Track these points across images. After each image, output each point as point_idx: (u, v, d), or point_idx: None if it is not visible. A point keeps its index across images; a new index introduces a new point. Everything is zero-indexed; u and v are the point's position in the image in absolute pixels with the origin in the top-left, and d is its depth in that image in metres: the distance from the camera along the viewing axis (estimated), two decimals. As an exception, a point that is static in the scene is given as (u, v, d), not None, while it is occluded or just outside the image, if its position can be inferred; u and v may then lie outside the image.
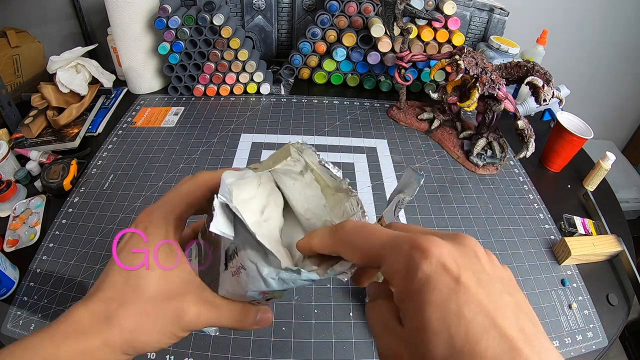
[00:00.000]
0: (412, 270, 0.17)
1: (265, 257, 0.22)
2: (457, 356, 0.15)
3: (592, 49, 1.28)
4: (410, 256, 0.17)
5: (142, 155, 0.73)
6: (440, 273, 0.16)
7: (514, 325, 0.16)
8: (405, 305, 0.17)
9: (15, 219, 0.61)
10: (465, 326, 0.15)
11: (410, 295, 0.17)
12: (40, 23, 1.03)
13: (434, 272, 0.16)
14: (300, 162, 0.26)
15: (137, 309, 0.22)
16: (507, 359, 0.15)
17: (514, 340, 0.15)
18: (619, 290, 0.57)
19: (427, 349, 0.16)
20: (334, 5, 0.86)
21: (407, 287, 0.17)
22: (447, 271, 0.17)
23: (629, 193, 1.33)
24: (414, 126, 0.84)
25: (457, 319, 0.15)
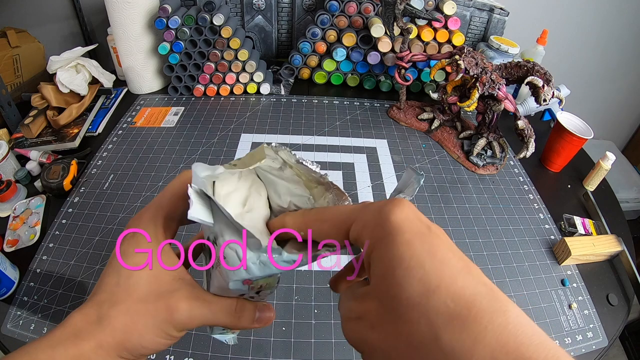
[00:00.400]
0: (384, 217, 0.17)
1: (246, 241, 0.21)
2: (432, 294, 0.14)
3: (592, 49, 1.28)
4: (381, 208, 0.17)
5: (142, 155, 0.73)
6: (412, 220, 0.16)
7: (482, 275, 0.15)
8: (374, 254, 0.16)
9: (15, 219, 0.61)
10: (440, 264, 0.15)
11: (380, 240, 0.16)
12: (40, 23, 1.03)
13: (406, 218, 0.16)
14: (278, 160, 0.26)
15: (127, 308, 0.21)
16: (488, 299, 0.14)
17: (487, 284, 0.15)
18: (619, 290, 0.57)
19: (400, 287, 0.15)
20: (334, 5, 0.86)
21: (377, 234, 0.17)
22: (419, 219, 0.17)
23: (629, 193, 1.33)
24: (414, 126, 0.84)
25: (431, 258, 0.15)
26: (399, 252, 0.15)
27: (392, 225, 0.16)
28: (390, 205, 0.17)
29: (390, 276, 0.15)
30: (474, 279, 0.14)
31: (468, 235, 0.62)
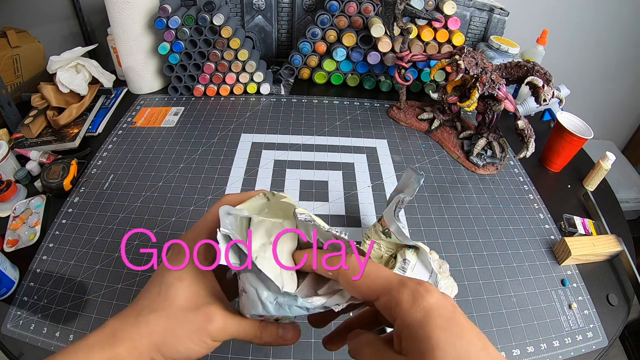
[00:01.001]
0: (419, 300, 0.20)
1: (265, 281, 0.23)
2: None
3: (592, 49, 1.28)
4: (416, 290, 0.21)
5: (142, 155, 0.73)
6: (440, 303, 0.20)
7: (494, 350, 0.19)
8: (410, 331, 0.20)
9: (15, 219, 0.61)
10: (467, 345, 0.19)
11: (414, 322, 0.20)
12: (40, 23, 1.03)
13: (436, 303, 0.20)
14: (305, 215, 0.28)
15: (167, 314, 0.23)
16: None
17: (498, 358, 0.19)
18: (619, 290, 0.57)
19: None
20: (334, 5, 0.86)
21: (412, 315, 0.20)
22: (446, 301, 0.20)
23: (629, 193, 1.33)
24: (414, 126, 0.84)
25: (460, 340, 0.19)
26: (435, 335, 0.19)
27: (426, 310, 0.20)
28: (424, 291, 0.20)
29: (430, 356, 0.18)
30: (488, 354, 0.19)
31: (468, 235, 0.62)
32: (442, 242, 0.60)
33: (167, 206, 0.63)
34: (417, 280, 0.21)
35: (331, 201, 0.65)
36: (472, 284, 0.55)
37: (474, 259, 0.58)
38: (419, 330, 0.19)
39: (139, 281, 0.52)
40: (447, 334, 0.19)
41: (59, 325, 0.48)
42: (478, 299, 0.53)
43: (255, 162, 0.72)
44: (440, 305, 0.20)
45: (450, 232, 0.62)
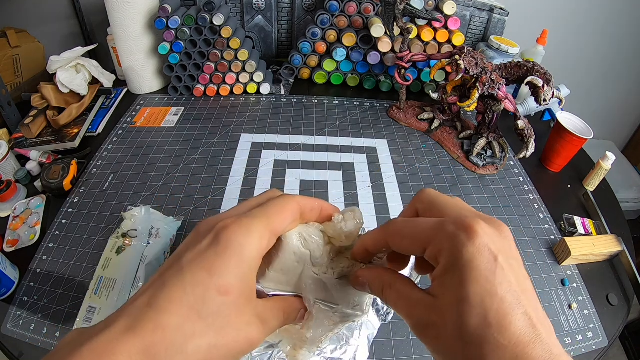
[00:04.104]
0: (459, 248, 0.19)
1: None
2: (487, 327, 0.17)
3: (592, 49, 1.28)
4: (456, 236, 0.19)
5: (142, 155, 0.73)
6: (482, 253, 0.19)
7: (532, 306, 0.18)
8: (446, 279, 0.19)
9: (15, 219, 0.61)
10: (497, 303, 0.18)
11: (454, 270, 0.19)
12: (40, 23, 1.03)
13: (477, 252, 0.19)
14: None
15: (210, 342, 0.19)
16: (526, 333, 0.17)
17: (532, 318, 0.18)
18: (619, 290, 0.57)
19: (464, 318, 0.18)
20: (334, 5, 0.86)
21: (452, 263, 0.19)
22: (489, 252, 0.19)
23: (629, 193, 1.33)
24: (414, 126, 0.84)
25: (491, 296, 0.18)
26: (468, 289, 0.18)
27: (464, 260, 0.19)
28: (464, 236, 0.19)
29: (459, 308, 0.18)
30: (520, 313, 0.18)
31: (468, 235, 0.62)
32: (442, 242, 0.60)
33: (167, 206, 0.63)
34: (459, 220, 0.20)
35: (331, 201, 0.65)
36: (472, 284, 0.55)
37: (474, 259, 0.58)
38: (454, 281, 0.19)
39: (139, 281, 0.52)
40: (479, 289, 0.18)
41: (59, 325, 0.48)
42: (478, 299, 0.53)
43: (255, 162, 0.72)
44: (481, 252, 0.18)
45: (450, 232, 0.62)
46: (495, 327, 0.17)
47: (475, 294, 0.18)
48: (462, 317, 0.18)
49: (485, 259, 0.18)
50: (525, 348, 0.17)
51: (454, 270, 0.19)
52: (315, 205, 0.25)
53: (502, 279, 0.18)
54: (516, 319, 0.17)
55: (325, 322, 0.26)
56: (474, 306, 0.18)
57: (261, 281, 0.25)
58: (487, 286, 0.18)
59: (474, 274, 0.18)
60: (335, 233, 0.26)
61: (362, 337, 0.34)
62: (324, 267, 0.26)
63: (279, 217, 0.23)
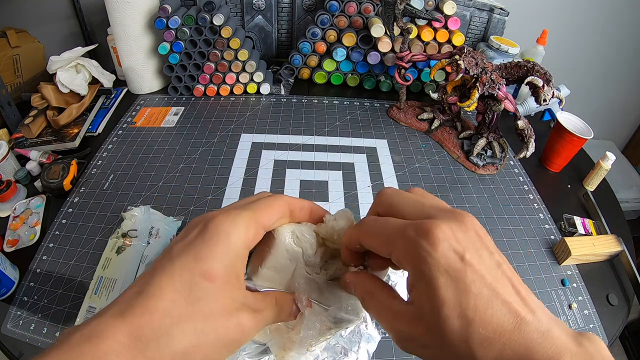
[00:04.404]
0: (424, 256, 0.19)
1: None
2: (469, 326, 0.17)
3: (592, 49, 1.28)
4: (418, 244, 0.19)
5: (142, 155, 0.73)
6: (447, 257, 0.18)
7: (510, 292, 0.18)
8: (418, 288, 0.19)
9: (15, 219, 0.61)
10: (473, 300, 0.18)
11: (422, 278, 0.19)
12: (40, 23, 1.03)
13: (442, 257, 0.18)
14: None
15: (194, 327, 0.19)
16: (509, 321, 0.17)
17: (512, 304, 0.18)
18: (619, 290, 0.57)
19: (445, 322, 0.18)
20: (334, 5, 0.86)
21: (418, 271, 0.19)
22: (454, 252, 0.18)
23: (629, 193, 1.33)
24: (414, 126, 0.84)
25: (466, 295, 0.18)
26: (440, 294, 0.18)
27: (430, 268, 0.18)
28: (426, 244, 0.19)
29: (437, 313, 0.18)
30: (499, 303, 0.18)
31: (468, 235, 0.62)
32: (442, 242, 0.60)
33: (167, 206, 0.63)
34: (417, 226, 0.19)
35: (331, 201, 0.65)
36: (472, 284, 0.55)
37: (474, 259, 0.58)
38: (425, 285, 0.18)
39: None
40: (453, 292, 0.18)
41: (59, 325, 0.48)
42: (478, 299, 0.53)
43: (255, 162, 0.72)
44: (445, 255, 0.18)
45: (450, 232, 0.62)
46: (478, 323, 0.17)
47: (450, 299, 0.18)
48: (445, 321, 0.18)
49: (452, 261, 0.18)
50: (512, 335, 0.17)
51: (423, 278, 0.19)
52: (304, 205, 0.26)
53: (473, 277, 0.18)
54: (496, 310, 0.18)
55: (316, 324, 0.26)
56: (453, 308, 0.18)
57: (254, 279, 0.26)
58: (460, 286, 0.18)
59: (443, 280, 0.18)
60: (328, 233, 0.26)
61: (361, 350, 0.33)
62: (316, 268, 0.27)
63: (265, 211, 0.23)
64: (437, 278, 0.18)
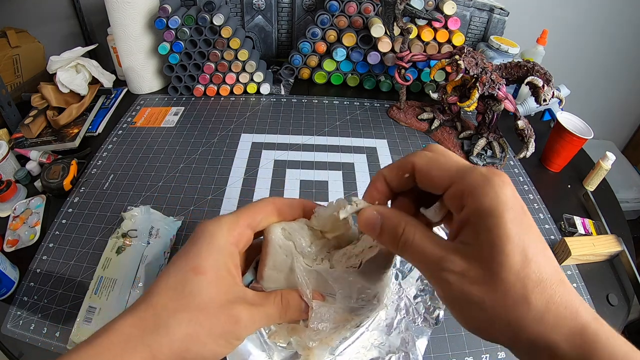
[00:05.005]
0: (497, 190, 0.19)
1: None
2: (528, 265, 0.18)
3: (592, 49, 1.28)
4: (490, 180, 0.19)
5: (142, 155, 0.73)
6: (515, 197, 0.19)
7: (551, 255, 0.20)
8: (479, 224, 0.19)
9: (15, 219, 0.61)
10: (533, 242, 0.19)
11: (489, 213, 0.19)
12: (40, 23, 1.03)
13: (511, 195, 0.19)
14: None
15: (190, 317, 0.21)
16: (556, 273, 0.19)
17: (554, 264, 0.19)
18: (619, 290, 0.57)
19: (507, 257, 0.18)
20: (334, 5, 0.86)
21: (485, 207, 0.19)
22: (518, 199, 0.20)
23: (629, 193, 1.33)
24: (414, 126, 0.84)
25: (529, 235, 0.19)
26: (507, 228, 0.18)
27: (501, 201, 0.19)
28: (498, 179, 0.19)
29: (500, 248, 0.18)
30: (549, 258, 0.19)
31: (468, 235, 0.62)
32: (442, 242, 0.60)
33: (167, 206, 0.63)
34: (492, 169, 0.20)
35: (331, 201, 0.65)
36: (472, 284, 0.55)
37: (474, 259, 0.58)
38: (491, 219, 0.19)
39: (139, 281, 0.52)
40: (519, 228, 0.19)
41: (59, 325, 0.48)
42: (478, 299, 0.53)
43: (255, 162, 0.72)
44: (515, 198, 0.19)
45: (450, 232, 0.62)
46: (535, 264, 0.18)
47: (516, 234, 0.18)
48: (508, 257, 0.18)
49: (517, 202, 0.19)
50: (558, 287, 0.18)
51: (491, 213, 0.19)
52: (294, 203, 0.27)
53: (530, 222, 0.19)
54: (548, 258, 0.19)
55: (328, 315, 0.25)
56: (517, 245, 0.18)
57: (261, 282, 0.26)
58: (524, 225, 0.19)
59: (511, 216, 0.19)
60: (319, 223, 0.26)
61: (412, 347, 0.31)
62: (317, 259, 0.26)
63: (248, 211, 0.25)
64: (506, 212, 0.19)
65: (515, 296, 0.18)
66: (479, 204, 0.19)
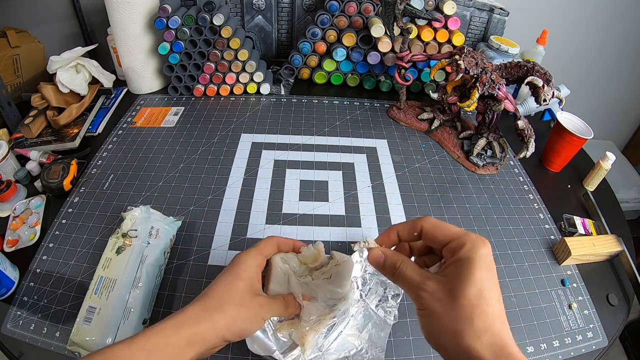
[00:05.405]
0: (477, 247, 0.28)
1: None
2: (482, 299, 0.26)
3: (592, 49, 1.28)
4: (476, 242, 0.29)
5: (142, 155, 0.73)
6: (489, 256, 0.28)
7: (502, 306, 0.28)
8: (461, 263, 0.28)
9: (15, 219, 0.61)
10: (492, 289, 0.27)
11: (468, 260, 0.28)
12: (40, 23, 1.03)
13: (487, 254, 0.28)
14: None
15: (235, 304, 0.34)
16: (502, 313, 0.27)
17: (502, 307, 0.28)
18: (619, 290, 0.57)
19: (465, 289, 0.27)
20: (334, 5, 0.86)
21: (467, 256, 0.28)
22: (490, 258, 0.29)
23: (629, 193, 1.33)
24: (414, 126, 0.84)
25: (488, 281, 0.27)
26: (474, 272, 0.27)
27: (478, 256, 0.28)
28: (481, 243, 0.29)
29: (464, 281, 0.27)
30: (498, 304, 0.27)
31: (468, 235, 0.62)
32: (442, 242, 0.60)
33: (167, 206, 0.63)
34: (477, 235, 0.29)
35: (331, 201, 0.65)
36: (472, 284, 0.55)
37: (474, 259, 0.58)
38: (466, 263, 0.27)
39: (139, 281, 0.52)
40: (482, 276, 0.27)
41: (59, 325, 0.48)
42: (478, 299, 0.53)
43: (255, 162, 0.72)
44: (489, 257, 0.28)
45: (450, 232, 0.62)
46: (485, 302, 0.26)
47: (480, 279, 0.27)
48: (468, 290, 0.26)
49: (489, 259, 0.28)
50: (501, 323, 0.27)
51: (470, 261, 0.28)
52: (288, 242, 0.42)
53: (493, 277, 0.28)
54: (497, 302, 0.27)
55: (314, 310, 0.39)
56: (476, 284, 0.27)
57: (268, 293, 0.39)
58: (489, 277, 0.27)
59: (484, 270, 0.27)
60: (303, 258, 0.42)
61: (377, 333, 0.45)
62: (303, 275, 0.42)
63: (264, 246, 0.40)
64: (478, 263, 0.27)
65: (464, 315, 0.26)
66: (463, 254, 0.28)
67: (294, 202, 0.65)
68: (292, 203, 0.65)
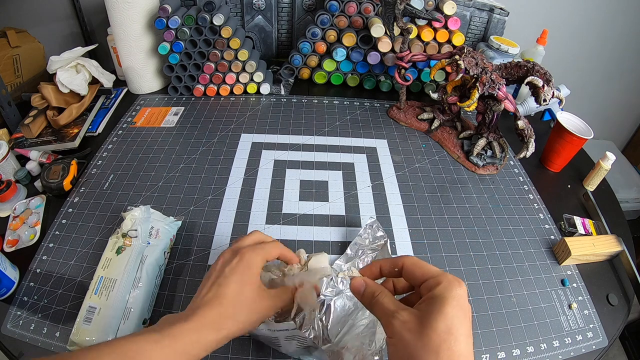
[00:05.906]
0: (453, 287, 0.29)
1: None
2: (450, 335, 0.27)
3: (592, 49, 1.28)
4: (452, 282, 0.30)
5: (142, 155, 0.73)
6: (464, 297, 0.30)
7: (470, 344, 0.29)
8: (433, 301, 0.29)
9: (15, 219, 0.61)
10: (461, 327, 0.28)
11: (443, 298, 0.29)
12: (40, 23, 1.03)
13: (462, 296, 0.29)
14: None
15: (248, 309, 0.36)
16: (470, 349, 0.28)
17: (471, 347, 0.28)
18: (619, 290, 0.57)
19: (436, 323, 0.28)
20: (334, 5, 0.86)
21: (442, 294, 0.29)
22: (464, 299, 0.30)
23: (629, 193, 1.33)
24: (414, 126, 0.84)
25: (458, 319, 0.28)
26: (446, 309, 0.28)
27: (451, 295, 0.29)
28: (457, 283, 0.30)
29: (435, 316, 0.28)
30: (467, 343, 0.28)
31: (468, 235, 0.62)
32: (442, 242, 0.60)
33: (167, 206, 0.63)
34: (454, 276, 0.31)
35: (331, 201, 0.65)
36: (472, 284, 0.55)
37: (473, 259, 0.58)
38: (440, 300, 0.28)
39: (139, 281, 0.52)
40: (453, 314, 0.28)
41: (59, 325, 0.48)
42: (478, 299, 0.54)
43: (255, 162, 0.72)
44: (463, 297, 0.29)
45: (450, 232, 0.62)
46: (454, 337, 0.27)
47: (451, 316, 0.28)
48: (436, 322, 0.28)
49: (463, 300, 0.29)
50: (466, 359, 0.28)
51: (443, 298, 0.29)
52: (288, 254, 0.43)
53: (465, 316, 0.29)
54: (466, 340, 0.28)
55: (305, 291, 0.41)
56: (446, 319, 0.28)
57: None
58: (460, 314, 0.28)
59: (453, 303, 0.28)
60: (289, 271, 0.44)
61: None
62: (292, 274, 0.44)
63: (271, 250, 0.41)
64: (451, 301, 0.28)
65: (431, 347, 0.27)
66: (438, 291, 0.29)
67: (294, 202, 0.65)
68: (292, 203, 0.65)
